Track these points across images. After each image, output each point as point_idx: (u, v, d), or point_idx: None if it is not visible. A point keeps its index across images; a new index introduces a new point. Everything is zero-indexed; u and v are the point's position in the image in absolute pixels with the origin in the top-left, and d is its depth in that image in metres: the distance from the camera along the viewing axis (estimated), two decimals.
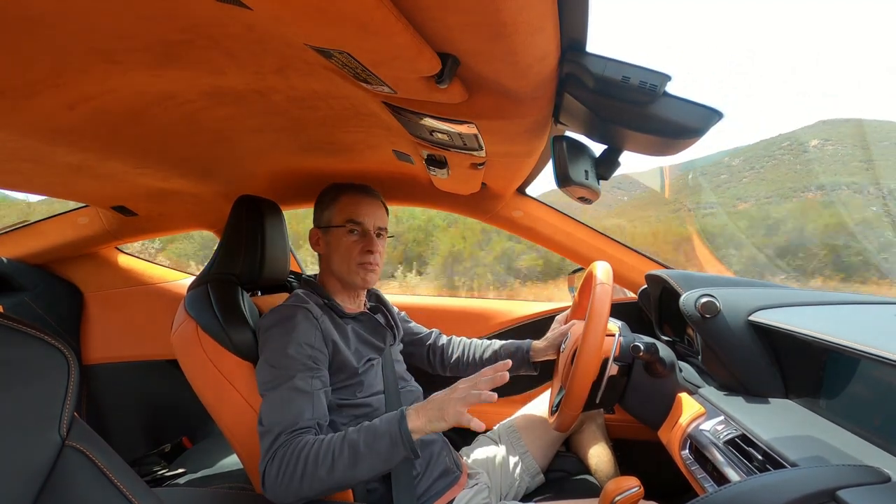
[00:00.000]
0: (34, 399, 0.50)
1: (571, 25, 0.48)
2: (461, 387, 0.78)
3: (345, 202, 1.01)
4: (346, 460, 0.74)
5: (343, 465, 0.73)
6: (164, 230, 1.50)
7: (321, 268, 1.06)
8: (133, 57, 0.55)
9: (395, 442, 0.74)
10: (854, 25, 40.41)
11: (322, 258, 1.05)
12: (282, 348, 0.85)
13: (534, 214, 1.41)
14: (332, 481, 0.74)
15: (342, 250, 0.99)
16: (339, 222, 1.00)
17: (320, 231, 1.03)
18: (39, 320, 1.42)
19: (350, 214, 1.00)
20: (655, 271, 1.20)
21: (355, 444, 0.75)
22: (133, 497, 0.51)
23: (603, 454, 1.15)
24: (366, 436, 0.76)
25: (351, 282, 1.01)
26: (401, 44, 0.43)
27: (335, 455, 0.74)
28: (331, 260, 1.01)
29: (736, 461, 0.77)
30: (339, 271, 1.01)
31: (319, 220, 1.04)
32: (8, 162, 0.81)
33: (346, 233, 0.99)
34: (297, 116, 0.80)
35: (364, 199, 1.03)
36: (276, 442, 0.76)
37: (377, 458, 0.74)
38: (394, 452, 0.75)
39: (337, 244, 1.00)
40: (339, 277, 1.02)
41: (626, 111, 0.55)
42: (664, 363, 0.99)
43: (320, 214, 1.04)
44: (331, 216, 1.01)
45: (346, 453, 0.74)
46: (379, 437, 0.75)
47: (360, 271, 1.00)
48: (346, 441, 0.75)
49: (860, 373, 0.74)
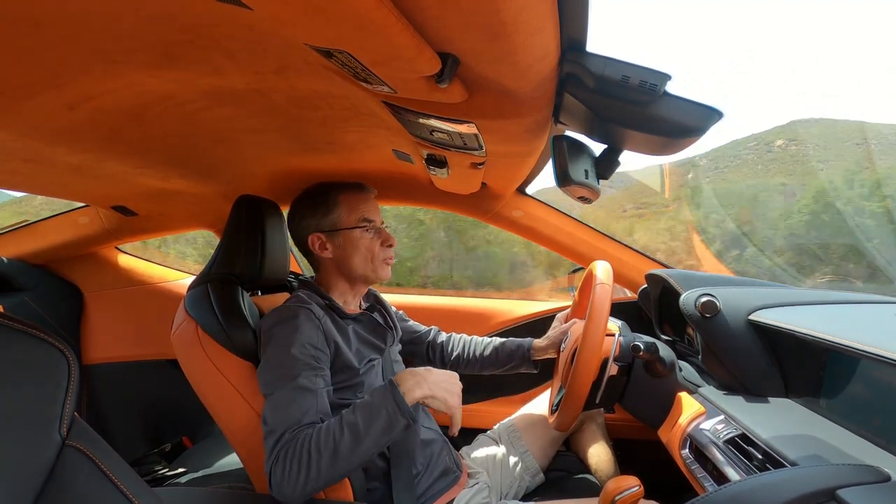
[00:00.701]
0: (34, 399, 0.50)
1: (571, 25, 0.48)
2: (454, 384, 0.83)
3: (351, 202, 1.00)
4: (348, 441, 0.74)
5: (346, 447, 0.73)
6: (164, 230, 1.50)
7: (323, 272, 1.03)
8: (133, 57, 0.55)
9: (392, 412, 0.75)
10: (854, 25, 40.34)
11: (326, 262, 1.01)
12: (285, 349, 0.84)
13: (534, 214, 1.41)
14: (338, 466, 0.73)
15: (363, 250, 0.98)
16: (353, 223, 0.98)
17: (325, 235, 0.99)
18: (39, 320, 1.42)
19: (362, 212, 0.99)
20: (655, 271, 1.20)
21: (354, 424, 0.75)
22: (133, 497, 0.51)
23: (603, 453, 1.15)
24: (362, 413, 0.76)
25: (374, 279, 1.02)
26: (401, 44, 0.43)
27: (336, 439, 0.74)
28: (347, 262, 0.99)
29: (736, 460, 0.77)
30: (359, 271, 1.00)
31: (321, 224, 0.99)
32: (8, 162, 0.81)
33: (362, 232, 0.99)
34: (297, 116, 0.80)
35: (368, 196, 1.03)
36: (279, 441, 0.76)
37: (378, 431, 0.75)
38: (393, 422, 0.75)
39: (354, 245, 0.98)
40: (356, 277, 1.01)
41: (626, 111, 0.55)
42: (664, 363, 0.99)
43: (321, 219, 0.99)
44: (338, 218, 0.99)
45: (346, 435, 0.74)
46: (375, 410, 0.76)
47: (384, 267, 1.01)
48: (344, 423, 0.76)
49: (860, 372, 0.74)
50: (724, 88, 30.90)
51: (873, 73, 18.20)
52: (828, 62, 24.03)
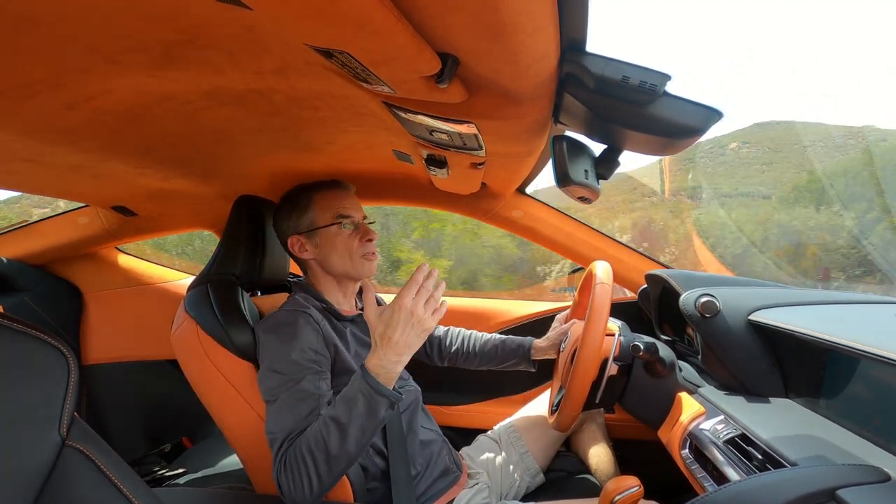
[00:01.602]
0: (34, 399, 0.50)
1: (571, 25, 0.48)
2: (414, 311, 0.74)
3: (324, 200, 0.99)
4: (335, 436, 0.72)
5: (335, 442, 0.72)
6: (164, 230, 1.50)
7: (310, 273, 1.02)
8: (133, 57, 0.55)
9: (369, 395, 0.73)
10: (854, 25, 40.09)
11: (311, 263, 1.01)
12: (286, 354, 0.84)
13: (533, 214, 1.41)
14: (334, 463, 0.73)
15: (340, 247, 0.97)
16: (328, 221, 0.97)
17: (303, 236, 0.99)
18: (39, 320, 1.42)
19: (336, 209, 0.98)
20: (655, 271, 1.20)
21: (336, 418, 0.73)
22: (133, 497, 0.51)
23: (603, 454, 1.15)
24: (342, 405, 0.74)
25: (356, 275, 0.99)
26: (401, 44, 0.43)
27: (325, 437, 0.73)
28: (327, 261, 0.99)
29: (736, 460, 0.77)
30: (340, 269, 0.99)
31: (298, 226, 0.99)
32: (7, 162, 0.81)
33: (338, 229, 0.97)
34: (297, 116, 0.80)
35: (342, 193, 1.01)
36: (282, 447, 0.76)
37: (361, 417, 0.73)
38: (375, 407, 0.73)
39: (332, 243, 0.97)
40: (339, 275, 1.00)
41: (626, 111, 0.55)
42: (664, 363, 0.99)
43: (297, 220, 0.99)
44: (313, 218, 0.98)
45: (332, 430, 0.73)
46: (352, 399, 0.74)
47: (364, 262, 0.99)
48: (327, 419, 0.74)
49: (860, 372, 0.74)
50: (724, 88, 30.88)
51: (873, 74, 18.26)
52: (828, 62, 24.04)
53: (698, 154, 6.03)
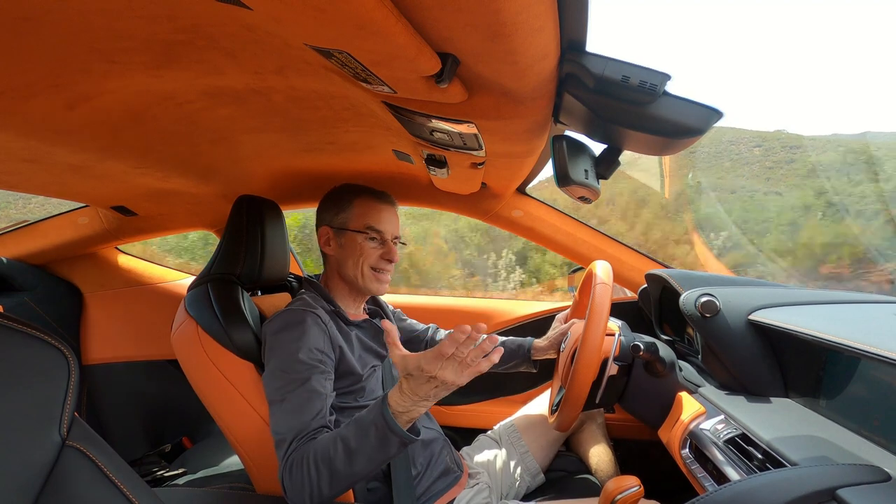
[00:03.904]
0: (34, 399, 0.50)
1: (571, 25, 0.48)
2: (440, 376, 0.67)
3: (365, 207, 1.00)
4: (342, 458, 0.71)
5: (341, 463, 0.71)
6: (164, 230, 1.50)
7: (327, 269, 1.04)
8: (133, 57, 0.55)
9: (382, 430, 0.70)
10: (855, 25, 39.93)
11: (330, 259, 1.02)
12: (293, 353, 0.84)
13: (533, 214, 1.41)
14: (338, 481, 0.72)
15: (357, 254, 0.98)
16: (358, 227, 0.99)
17: (332, 231, 1.01)
18: (39, 320, 1.42)
19: (370, 221, 0.99)
20: (655, 271, 1.20)
21: (347, 440, 0.72)
22: (133, 497, 0.51)
23: (603, 454, 1.15)
24: (355, 429, 0.73)
25: (363, 288, 1.00)
26: (401, 44, 0.43)
27: (332, 455, 0.72)
28: (343, 263, 1.00)
29: (736, 460, 0.77)
30: (350, 276, 0.99)
31: (333, 219, 1.01)
32: (8, 162, 0.81)
33: (364, 238, 0.98)
34: (297, 116, 0.80)
35: (385, 207, 1.02)
36: (289, 449, 0.75)
37: (370, 449, 0.71)
38: (386, 442, 0.71)
39: (352, 248, 0.98)
40: (349, 282, 1.01)
41: (626, 111, 0.55)
42: (664, 363, 0.99)
43: (335, 214, 1.01)
44: (347, 219, 0.99)
45: (340, 450, 0.72)
46: (365, 428, 0.72)
47: (374, 279, 0.99)
48: (338, 438, 0.73)
49: (860, 372, 0.74)
50: (724, 88, 30.81)
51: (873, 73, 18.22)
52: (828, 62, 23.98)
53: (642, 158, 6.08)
